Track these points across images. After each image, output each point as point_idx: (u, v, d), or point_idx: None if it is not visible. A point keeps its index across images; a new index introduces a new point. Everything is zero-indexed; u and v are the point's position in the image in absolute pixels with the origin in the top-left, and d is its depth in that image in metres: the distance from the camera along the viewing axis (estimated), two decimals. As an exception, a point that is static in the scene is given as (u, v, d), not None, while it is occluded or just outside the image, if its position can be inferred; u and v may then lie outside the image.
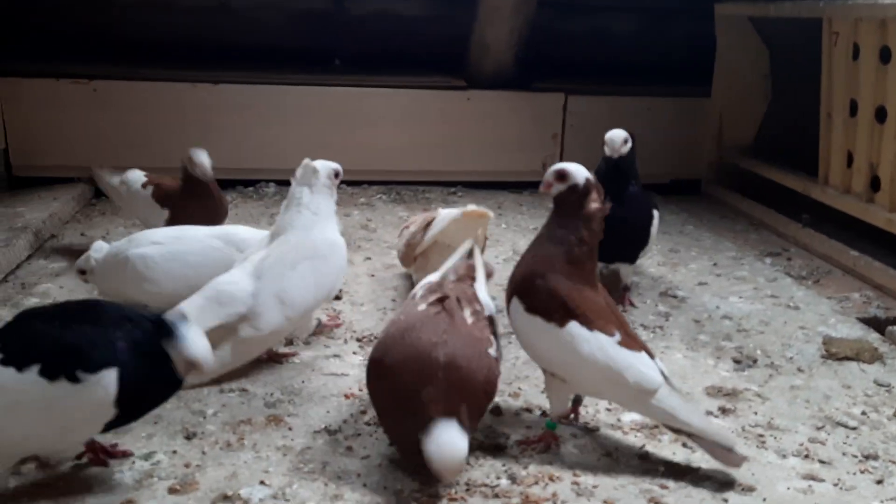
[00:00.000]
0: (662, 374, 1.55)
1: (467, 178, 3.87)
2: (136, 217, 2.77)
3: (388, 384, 1.46)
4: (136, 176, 2.69)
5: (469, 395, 1.41)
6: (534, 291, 1.56)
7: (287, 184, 3.58)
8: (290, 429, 1.66)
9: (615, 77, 4.14)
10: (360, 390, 1.83)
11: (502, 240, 3.08)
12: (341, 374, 1.93)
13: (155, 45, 3.88)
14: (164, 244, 2.08)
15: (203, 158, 2.48)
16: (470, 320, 1.54)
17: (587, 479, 1.51)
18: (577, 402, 1.73)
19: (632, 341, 1.56)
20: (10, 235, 2.64)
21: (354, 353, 2.06)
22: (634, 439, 1.67)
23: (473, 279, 1.71)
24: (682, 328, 2.29)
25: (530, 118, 3.83)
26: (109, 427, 1.37)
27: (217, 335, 1.66)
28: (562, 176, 1.58)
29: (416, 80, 3.81)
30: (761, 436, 1.72)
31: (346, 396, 1.82)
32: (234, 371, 1.89)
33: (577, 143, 3.88)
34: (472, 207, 2.21)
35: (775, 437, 1.72)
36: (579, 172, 1.58)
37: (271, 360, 1.95)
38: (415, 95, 3.77)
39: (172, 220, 2.48)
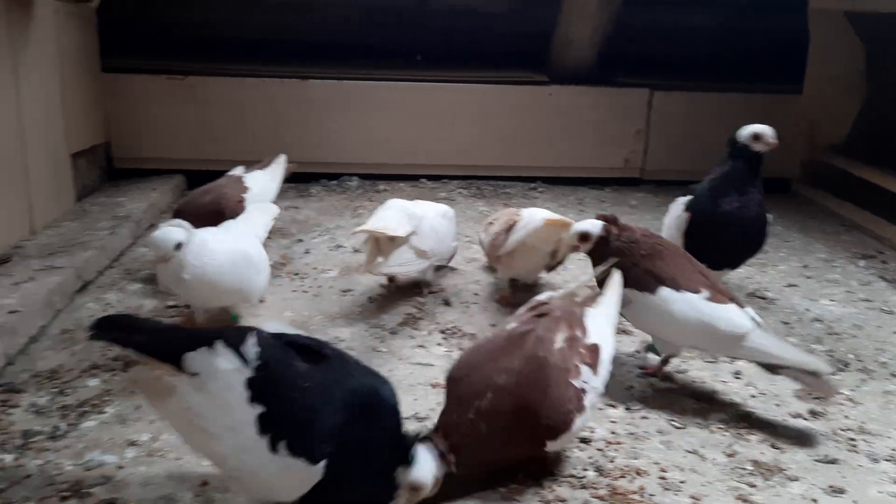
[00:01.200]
0: (754, 319, 1.75)
1: (548, 173, 3.87)
2: None
3: (447, 399, 1.48)
4: None
5: (520, 426, 1.39)
6: (627, 273, 1.80)
7: (370, 178, 3.76)
8: (380, 414, 1.71)
9: (699, 73, 4.08)
10: (447, 380, 1.88)
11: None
12: (426, 363, 1.98)
13: (247, 43, 4.03)
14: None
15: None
16: (559, 345, 1.48)
17: (674, 475, 1.52)
18: (665, 361, 1.94)
19: (720, 295, 1.77)
20: (114, 224, 2.79)
21: (439, 344, 2.10)
22: (722, 438, 1.67)
23: (593, 303, 1.68)
24: (771, 330, 2.25)
25: (613, 114, 3.81)
26: None
27: (398, 242, 2.24)
28: (584, 237, 1.85)
29: (498, 76, 3.84)
30: (852, 440, 1.69)
31: (433, 386, 1.86)
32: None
33: (662, 139, 3.84)
34: (554, 216, 2.23)
35: (867, 442, 1.69)
36: (595, 227, 1.85)
37: None
38: (496, 90, 3.79)
39: None
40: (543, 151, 3.84)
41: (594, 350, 1.52)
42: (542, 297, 1.69)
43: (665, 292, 1.76)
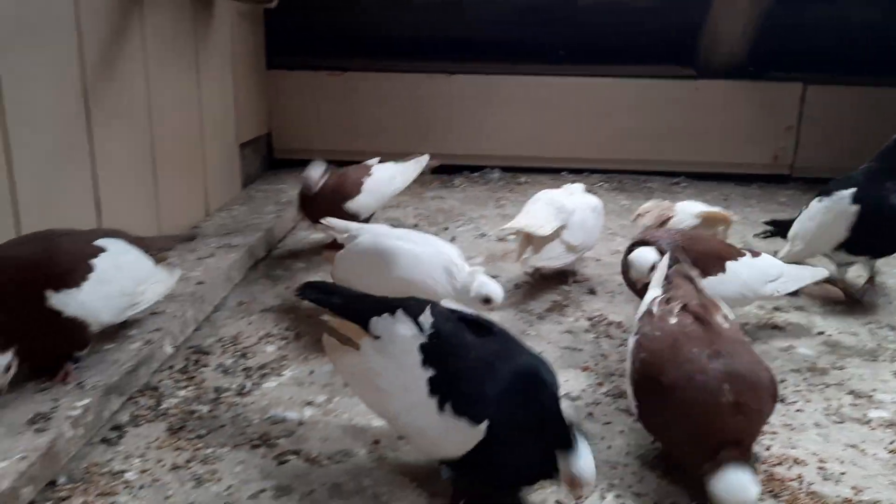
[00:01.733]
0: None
1: (691, 168, 3.83)
2: None
3: (668, 402, 1.39)
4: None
5: (757, 402, 1.37)
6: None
7: (511, 170, 3.85)
8: (533, 392, 1.79)
9: (855, 67, 3.89)
10: (596, 364, 1.94)
11: (730, 233, 3.03)
12: (575, 348, 2.04)
13: (399, 41, 4.19)
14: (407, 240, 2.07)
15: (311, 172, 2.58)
16: (726, 325, 1.50)
17: (833, 466, 1.51)
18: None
19: (755, 252, 2.05)
20: (279, 208, 3.01)
21: (586, 331, 2.16)
22: (883, 434, 1.64)
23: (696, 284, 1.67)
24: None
25: (763, 109, 3.72)
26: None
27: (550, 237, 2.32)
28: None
29: (643, 70, 3.83)
30: None
31: (583, 369, 1.92)
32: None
33: (814, 135, 3.72)
34: (710, 209, 2.23)
35: None
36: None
37: None
38: (641, 85, 3.79)
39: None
40: (688, 146, 3.80)
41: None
42: (654, 293, 1.67)
43: (731, 266, 1.94)
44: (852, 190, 2.21)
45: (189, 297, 2.07)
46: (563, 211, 2.37)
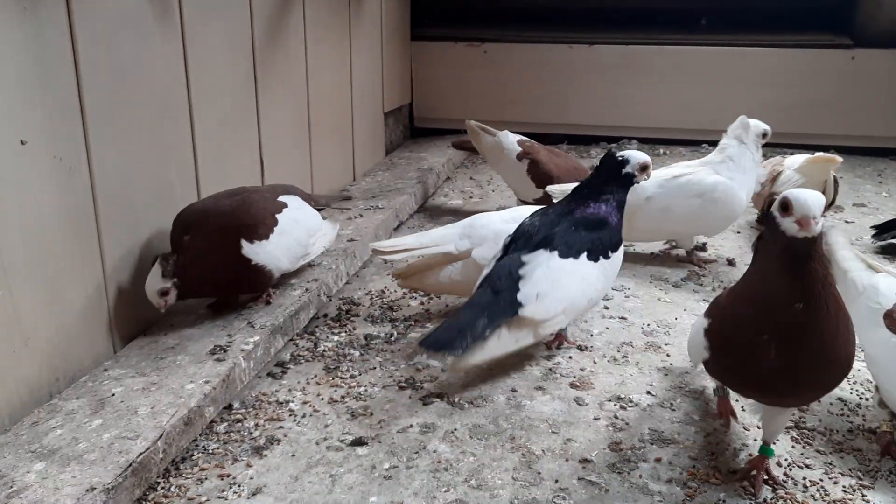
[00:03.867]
0: None
1: (842, 142, 3.65)
2: (509, 184, 2.86)
3: None
4: (511, 143, 2.72)
5: None
6: None
7: (649, 142, 3.81)
8: (668, 355, 1.83)
9: None
10: (733, 332, 1.94)
11: (882, 209, 2.92)
12: (711, 316, 2.05)
13: (536, 12, 4.22)
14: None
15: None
16: None
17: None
18: None
19: None
20: (419, 175, 3.15)
21: (723, 300, 2.15)
22: None
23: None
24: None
25: (927, 80, 3.50)
26: None
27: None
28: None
29: (792, 39, 3.67)
30: None
31: (719, 336, 1.93)
32: (612, 301, 2.12)
33: (984, 108, 3.46)
34: (819, 154, 2.23)
35: None
36: None
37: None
38: (789, 54, 3.65)
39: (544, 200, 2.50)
40: (839, 119, 3.63)
41: None
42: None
43: None
44: None
45: (342, 252, 2.23)
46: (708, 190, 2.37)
